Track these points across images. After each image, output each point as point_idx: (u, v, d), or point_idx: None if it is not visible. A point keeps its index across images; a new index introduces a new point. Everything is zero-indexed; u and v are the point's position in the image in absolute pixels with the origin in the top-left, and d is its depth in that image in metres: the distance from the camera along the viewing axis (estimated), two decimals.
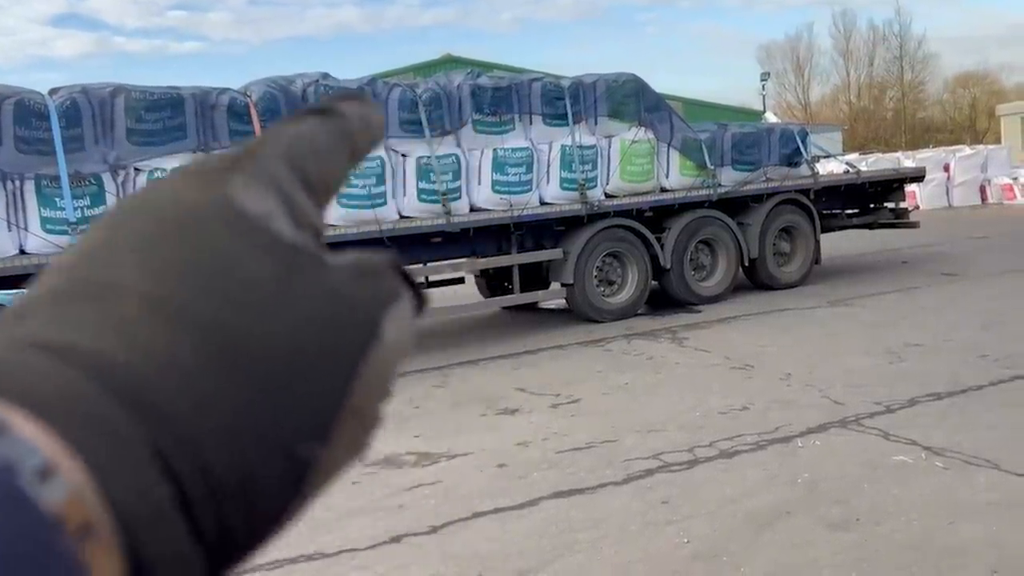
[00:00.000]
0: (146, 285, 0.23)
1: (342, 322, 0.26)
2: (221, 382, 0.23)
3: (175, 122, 6.82)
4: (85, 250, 0.25)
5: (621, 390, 6.13)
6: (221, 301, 0.24)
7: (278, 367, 0.24)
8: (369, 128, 0.31)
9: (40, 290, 0.25)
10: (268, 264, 0.25)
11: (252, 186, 0.26)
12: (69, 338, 0.22)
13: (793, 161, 10.37)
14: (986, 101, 47.16)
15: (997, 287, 9.13)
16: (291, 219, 0.26)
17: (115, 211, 0.26)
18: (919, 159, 22.19)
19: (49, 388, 0.21)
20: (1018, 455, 4.09)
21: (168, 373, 0.22)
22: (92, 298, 0.23)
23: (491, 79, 8.61)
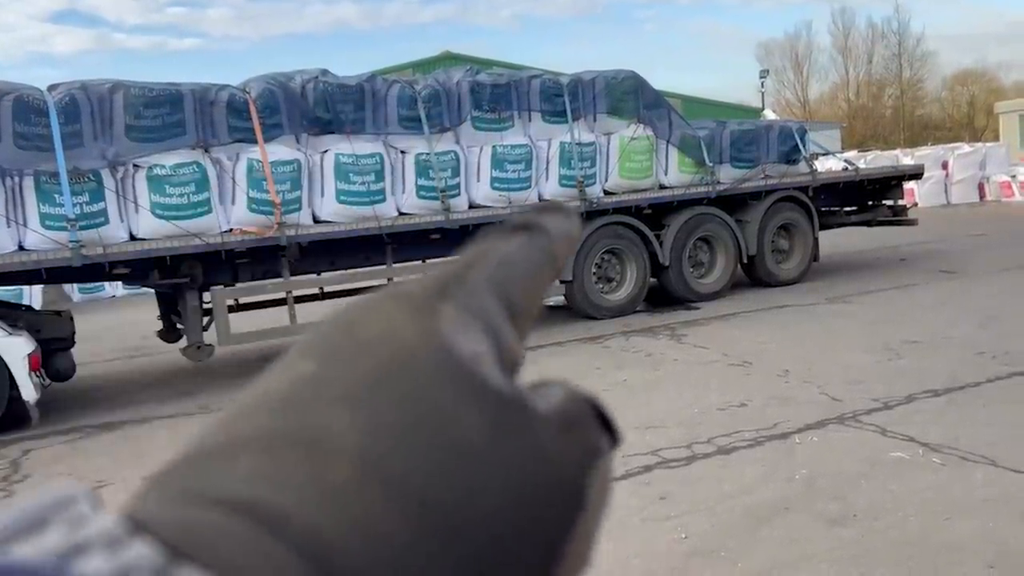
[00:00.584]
0: (359, 443, 0.21)
1: (550, 491, 0.23)
2: (430, 562, 0.20)
3: (174, 118, 6.82)
4: (291, 386, 0.23)
5: (619, 387, 6.14)
6: (435, 467, 0.21)
7: (488, 546, 0.21)
8: (571, 242, 0.29)
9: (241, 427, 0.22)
10: (479, 420, 0.22)
11: (463, 320, 0.24)
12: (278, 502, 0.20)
13: (792, 159, 10.38)
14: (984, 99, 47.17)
15: (995, 284, 9.14)
16: (498, 359, 0.24)
17: (322, 339, 0.24)
18: (918, 156, 22.18)
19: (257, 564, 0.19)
20: (1015, 451, 4.10)
21: (380, 551, 0.20)
22: (302, 452, 0.21)
23: (490, 76, 8.61)
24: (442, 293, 0.25)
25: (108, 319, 12.79)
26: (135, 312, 12.12)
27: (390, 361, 0.23)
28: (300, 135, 7.49)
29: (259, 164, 7.08)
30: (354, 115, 7.65)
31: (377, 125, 7.80)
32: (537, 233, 0.28)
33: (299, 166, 7.33)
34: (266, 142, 7.14)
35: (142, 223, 6.77)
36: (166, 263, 6.98)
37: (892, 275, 10.38)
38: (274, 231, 7.15)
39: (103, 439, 5.93)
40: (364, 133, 7.71)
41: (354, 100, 7.67)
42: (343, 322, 0.25)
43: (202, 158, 6.94)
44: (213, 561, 0.18)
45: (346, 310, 0.25)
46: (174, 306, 7.63)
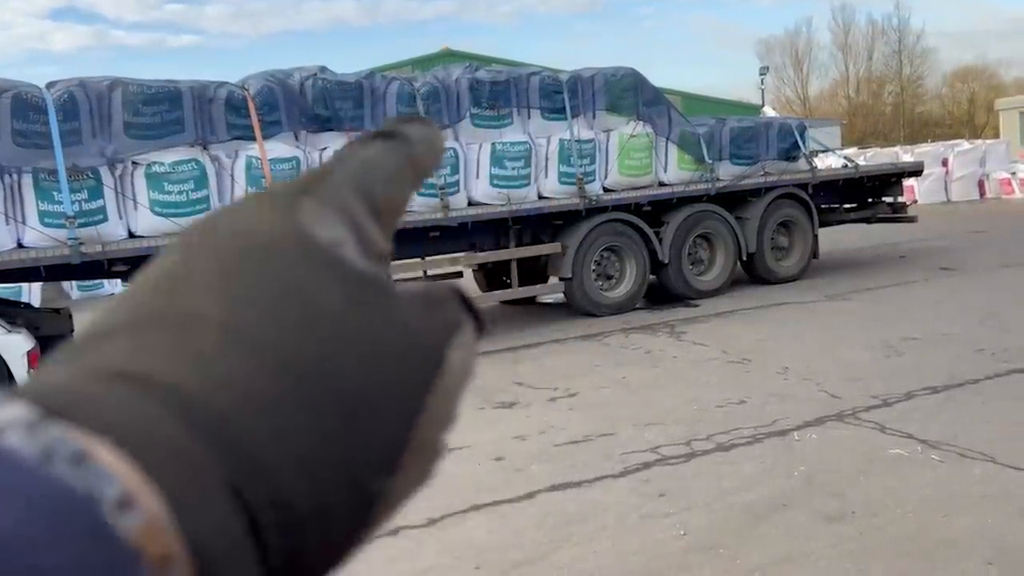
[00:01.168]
0: (223, 316, 0.23)
1: (410, 354, 0.26)
2: (296, 416, 0.23)
3: (173, 116, 6.82)
4: (159, 278, 0.25)
5: (619, 384, 6.14)
6: (297, 333, 0.24)
7: (350, 400, 0.24)
8: (433, 151, 0.31)
9: (115, 317, 0.24)
10: (341, 295, 0.25)
11: (323, 212, 0.26)
12: (147, 368, 0.22)
13: (791, 156, 10.37)
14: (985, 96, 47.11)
15: (994, 281, 9.14)
16: (360, 247, 0.26)
17: (188, 237, 0.26)
18: (917, 153, 22.16)
19: (128, 419, 0.21)
20: (1013, 448, 4.10)
21: (245, 406, 0.22)
22: (169, 328, 0.23)
23: (489, 73, 8.60)
24: (302, 190, 0.26)
25: None
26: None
27: (252, 248, 0.25)
28: (299, 132, 7.48)
29: (258, 161, 7.07)
30: (353, 112, 7.65)
31: (376, 122, 7.79)
32: (398, 140, 0.30)
33: (298, 164, 7.32)
34: (265, 139, 7.13)
35: (141, 220, 6.77)
36: None
37: (892, 272, 10.38)
38: None
39: None
40: (363, 130, 7.69)
41: (353, 97, 7.66)
42: (207, 220, 0.26)
43: (201, 155, 6.93)
44: (83, 418, 0.20)
45: (211, 212, 0.27)
46: None
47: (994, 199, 21.45)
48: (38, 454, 0.18)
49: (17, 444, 0.18)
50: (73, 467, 0.18)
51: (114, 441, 0.20)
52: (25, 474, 0.18)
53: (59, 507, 0.18)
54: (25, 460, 0.18)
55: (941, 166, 22.35)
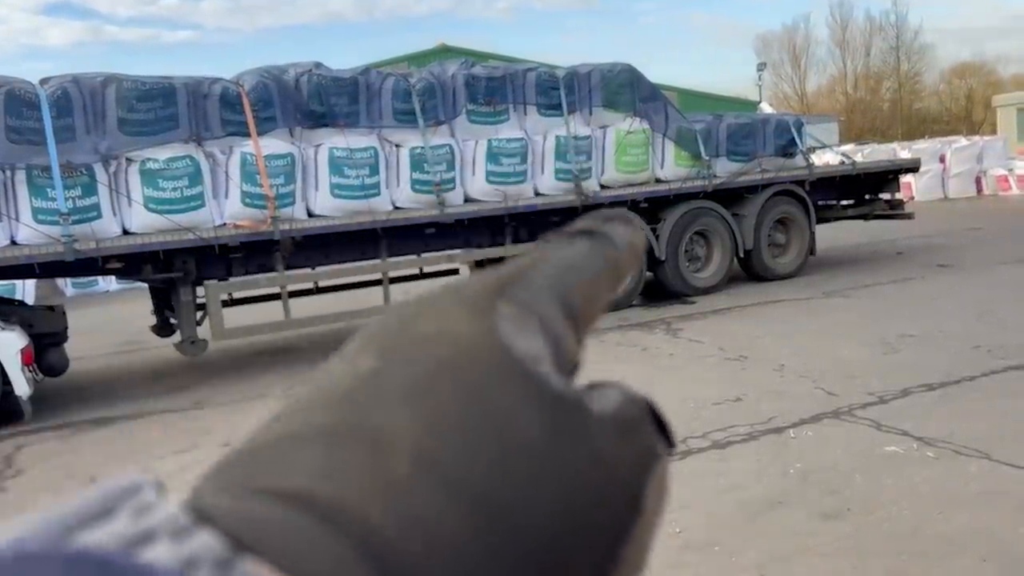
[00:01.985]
0: (418, 441, 0.21)
1: (607, 494, 0.23)
2: (487, 561, 0.20)
3: (167, 112, 6.78)
4: (351, 382, 0.23)
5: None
6: (493, 466, 0.21)
7: (543, 547, 0.21)
8: (634, 253, 0.29)
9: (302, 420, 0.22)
10: (537, 420, 0.22)
11: (522, 320, 0.24)
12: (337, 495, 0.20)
13: (788, 152, 10.36)
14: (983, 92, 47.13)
15: (991, 278, 9.13)
16: (556, 360, 0.24)
17: (381, 335, 0.24)
18: (915, 150, 22.16)
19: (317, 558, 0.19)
20: (1009, 445, 4.09)
21: (436, 548, 0.20)
22: (362, 447, 0.21)
23: (485, 69, 8.57)
24: (501, 291, 0.25)
25: (101, 314, 12.75)
26: (128, 307, 12.10)
27: (448, 358, 0.23)
28: (294, 128, 7.45)
29: (252, 158, 7.04)
30: (348, 108, 7.62)
31: (371, 118, 7.77)
32: (600, 240, 0.29)
33: (293, 160, 7.29)
34: (260, 135, 7.10)
35: (135, 217, 6.74)
36: (159, 257, 6.95)
37: (889, 269, 10.37)
38: (268, 225, 7.11)
39: (96, 434, 5.91)
40: (358, 126, 7.67)
41: (348, 93, 7.63)
42: (401, 317, 0.25)
43: (195, 152, 6.90)
44: (274, 552, 0.18)
45: (404, 305, 0.26)
46: (168, 301, 7.60)
47: (991, 196, 21.46)
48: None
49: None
50: None
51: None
52: None
53: None
54: None
55: (939, 163, 22.34)
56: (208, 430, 5.71)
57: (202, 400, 6.60)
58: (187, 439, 5.52)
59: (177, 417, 6.15)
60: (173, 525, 0.18)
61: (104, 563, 0.16)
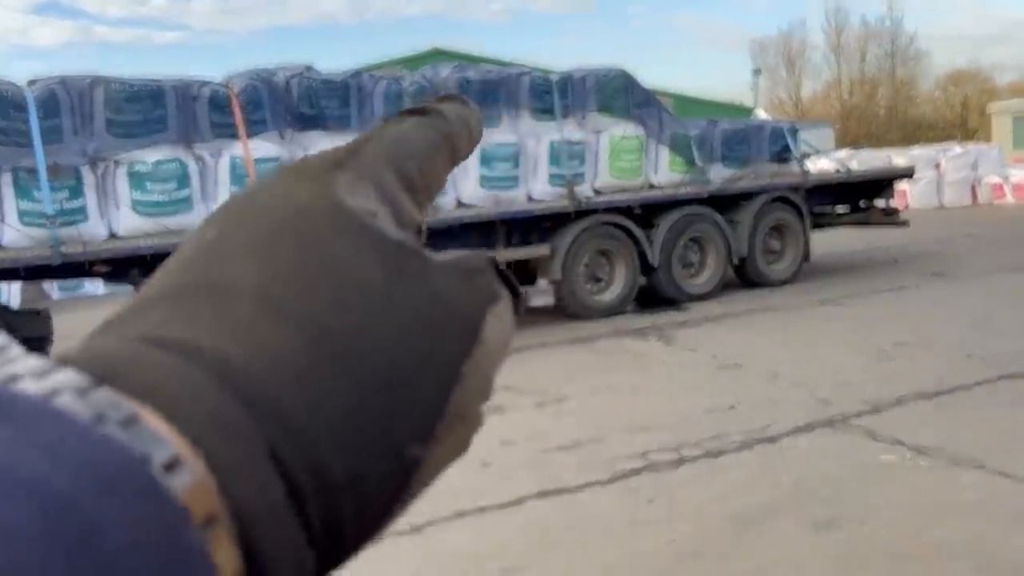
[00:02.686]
0: (261, 284, 0.24)
1: (445, 324, 0.25)
2: (333, 383, 0.23)
3: (155, 114, 6.72)
4: (198, 249, 0.25)
5: (608, 389, 6.06)
6: (333, 302, 0.24)
7: (386, 368, 0.24)
8: (469, 129, 0.32)
9: (157, 287, 0.25)
10: (376, 264, 0.25)
11: (357, 185, 0.26)
12: (189, 336, 0.22)
13: (783, 158, 10.33)
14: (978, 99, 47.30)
15: (986, 287, 9.10)
16: (395, 218, 0.27)
17: (225, 209, 0.27)
18: (910, 157, 22.18)
19: (173, 384, 0.21)
20: (1003, 455, 4.04)
21: (283, 373, 0.22)
22: (208, 297, 0.24)
23: (478, 73, 8.53)
24: (337, 164, 0.27)
25: (88, 318, 12.65)
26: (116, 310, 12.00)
27: (286, 218, 0.25)
28: (284, 131, 7.39)
29: (242, 161, 6.98)
30: (339, 111, 7.56)
31: (363, 122, 7.71)
32: (433, 116, 0.30)
33: (282, 162, 7.23)
34: (249, 138, 7.04)
35: (122, 220, 6.66)
36: (147, 261, 6.87)
37: (884, 277, 10.34)
38: None
39: None
40: (349, 130, 7.61)
41: (339, 96, 7.57)
42: (244, 193, 0.27)
43: (184, 154, 6.84)
44: (131, 383, 0.21)
45: (247, 185, 0.28)
46: None
47: (986, 204, 21.48)
48: (91, 416, 0.19)
49: (70, 406, 0.19)
50: (124, 429, 0.19)
51: (161, 405, 0.20)
52: (79, 434, 0.18)
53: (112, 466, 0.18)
54: (78, 422, 0.19)
55: (934, 170, 22.36)
56: None
57: None
58: None
59: None
60: (36, 368, 0.20)
61: None
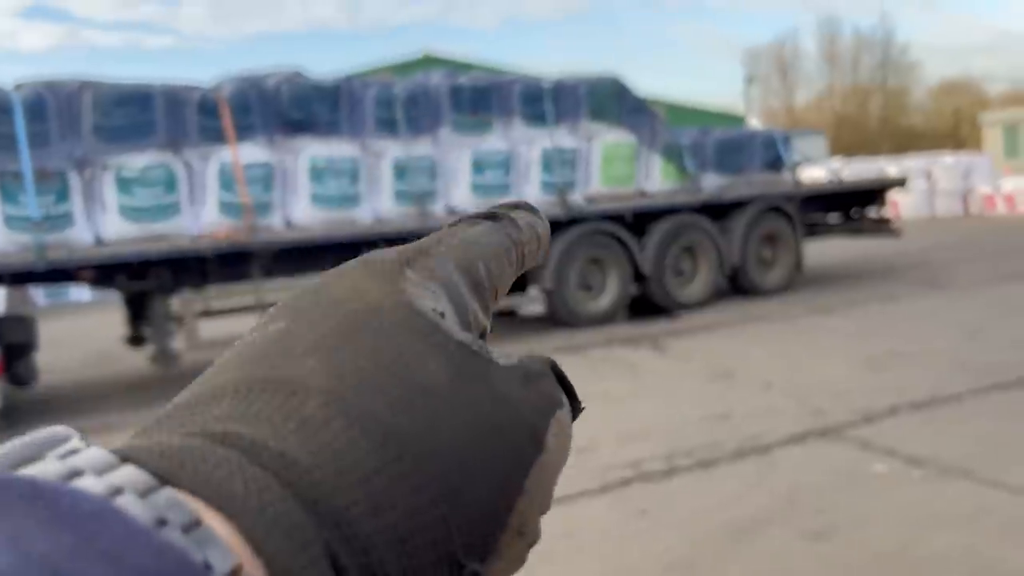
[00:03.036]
0: (328, 384, 0.23)
1: (510, 432, 0.25)
2: (396, 489, 0.23)
3: (143, 118, 6.65)
4: (263, 342, 0.25)
5: (600, 398, 6.01)
6: (400, 404, 0.24)
7: (450, 476, 0.23)
8: (537, 238, 0.32)
9: (218, 379, 0.25)
10: (443, 366, 0.25)
11: (427, 284, 0.27)
12: (253, 434, 0.22)
13: (775, 167, 10.32)
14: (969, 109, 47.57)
15: (978, 297, 9.10)
16: (461, 320, 0.27)
17: (294, 301, 0.27)
18: (902, 167, 22.24)
19: (237, 485, 0.21)
20: (994, 465, 4.01)
21: (347, 477, 0.22)
22: (274, 394, 0.23)
23: (470, 79, 8.49)
24: (408, 262, 0.27)
25: (74, 324, 12.54)
26: (102, 317, 11.89)
27: (356, 316, 0.25)
28: (273, 136, 7.32)
29: (230, 166, 6.91)
30: (329, 116, 7.51)
31: (353, 127, 7.66)
32: (503, 222, 0.31)
33: (272, 168, 7.16)
34: (238, 143, 6.98)
35: (109, 225, 6.58)
36: (133, 267, 6.80)
37: (876, 286, 10.33)
38: (245, 235, 6.97)
39: None
40: (339, 135, 7.56)
41: (329, 101, 7.52)
42: (312, 286, 0.27)
43: (172, 159, 6.77)
44: (193, 482, 0.21)
45: (316, 277, 0.28)
46: (142, 311, 7.42)
47: (978, 214, 21.54)
48: (152, 519, 0.19)
49: (131, 507, 0.19)
50: (186, 534, 0.19)
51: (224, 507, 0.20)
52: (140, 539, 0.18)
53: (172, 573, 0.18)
54: (140, 526, 0.18)
55: (925, 180, 22.42)
56: None
57: None
58: None
59: None
60: (98, 464, 0.19)
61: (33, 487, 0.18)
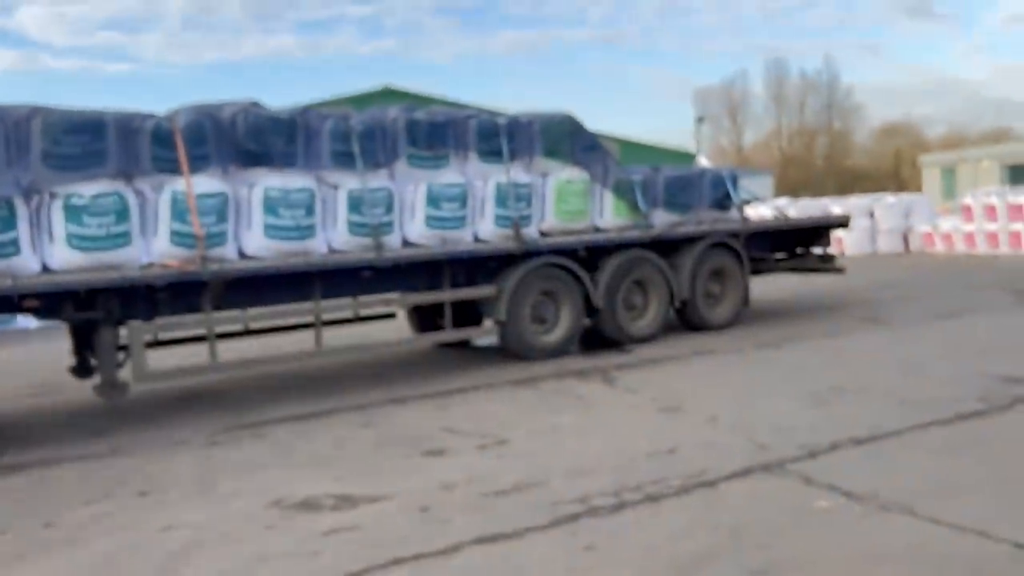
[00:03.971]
0: None
1: None
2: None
3: (95, 146, 6.55)
4: None
5: (550, 431, 6.06)
6: None
7: None
8: None
9: None
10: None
11: None
12: None
13: (724, 205, 10.57)
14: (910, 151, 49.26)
15: (918, 333, 9.40)
16: None
17: None
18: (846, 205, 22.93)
19: None
20: (933, 501, 4.14)
21: None
22: None
23: (427, 114, 8.57)
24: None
25: (18, 353, 12.20)
26: (47, 346, 11.59)
27: None
28: (228, 167, 7.28)
29: (183, 196, 6.85)
30: (285, 148, 7.50)
31: (309, 159, 7.66)
32: None
33: (226, 199, 7.12)
34: (192, 173, 6.93)
35: (57, 254, 6.46)
36: (81, 296, 6.67)
37: (820, 322, 10.60)
38: (197, 265, 6.90)
39: (5, 482, 5.57)
40: (295, 167, 7.55)
41: (285, 133, 7.52)
42: None
43: (124, 188, 6.68)
44: None
45: None
46: (88, 341, 7.27)
47: (917, 252, 22.25)
48: None
49: None
50: None
51: None
52: None
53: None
54: None
55: (868, 218, 23.12)
56: (123, 479, 5.44)
57: (120, 447, 6.31)
58: (101, 488, 5.25)
59: (93, 464, 5.86)
60: None
61: None
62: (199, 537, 4.28)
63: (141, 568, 3.92)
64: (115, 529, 4.49)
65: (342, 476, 5.21)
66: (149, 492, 5.13)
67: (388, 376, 8.60)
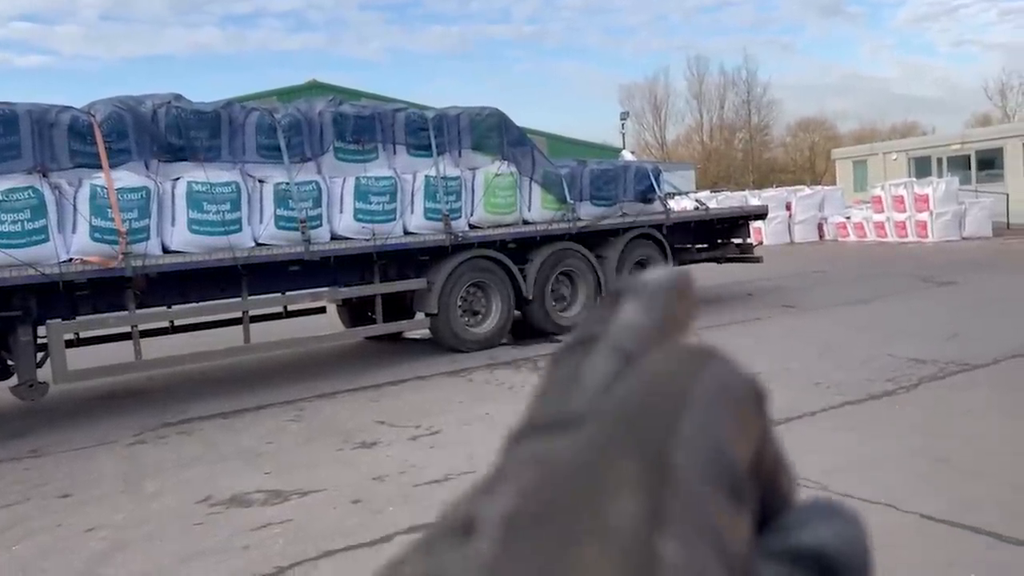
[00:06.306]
0: None
1: None
2: None
3: (8, 140, 6.33)
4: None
5: (481, 421, 6.14)
6: None
7: None
8: None
9: None
10: None
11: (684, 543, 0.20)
12: None
13: (647, 197, 10.83)
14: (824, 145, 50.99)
15: (832, 318, 9.81)
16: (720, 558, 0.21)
17: None
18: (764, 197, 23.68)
19: None
20: (845, 477, 4.37)
21: None
22: None
23: (354, 107, 8.53)
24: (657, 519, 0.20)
25: None
26: None
27: None
28: (150, 161, 7.13)
29: (103, 190, 6.69)
30: (209, 142, 7.38)
31: (234, 153, 7.55)
32: None
33: (148, 194, 6.97)
34: (112, 168, 6.76)
35: None
36: None
37: (739, 310, 10.95)
38: (119, 261, 6.75)
39: None
40: (219, 161, 7.44)
41: (209, 127, 7.39)
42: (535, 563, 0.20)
43: (39, 183, 6.48)
44: None
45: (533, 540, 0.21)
46: (4, 341, 7.04)
47: (831, 241, 23.13)
48: None
49: None
50: None
51: None
52: None
53: None
54: None
55: (785, 210, 23.92)
56: (44, 480, 5.31)
57: (40, 448, 6.14)
58: (20, 491, 5.11)
59: (11, 466, 5.69)
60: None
61: None
62: (124, 537, 4.22)
63: (63, 571, 3.86)
64: (36, 532, 4.39)
65: (273, 470, 5.20)
66: (71, 493, 5.03)
67: (319, 371, 8.56)
